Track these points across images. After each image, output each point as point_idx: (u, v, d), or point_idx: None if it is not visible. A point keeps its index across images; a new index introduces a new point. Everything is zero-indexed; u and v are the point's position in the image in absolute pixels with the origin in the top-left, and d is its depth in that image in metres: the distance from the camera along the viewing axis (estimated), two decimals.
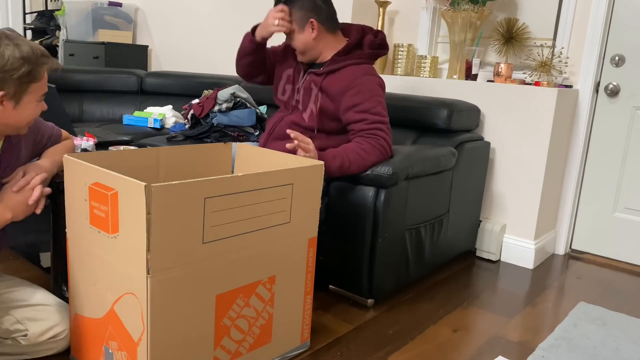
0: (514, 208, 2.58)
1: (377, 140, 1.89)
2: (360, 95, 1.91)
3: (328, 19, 2.00)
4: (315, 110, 1.99)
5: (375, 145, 1.88)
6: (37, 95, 1.37)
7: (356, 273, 1.94)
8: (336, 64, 1.97)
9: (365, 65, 2.00)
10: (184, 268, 1.21)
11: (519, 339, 1.84)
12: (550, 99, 2.41)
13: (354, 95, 1.92)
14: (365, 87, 1.92)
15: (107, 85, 3.41)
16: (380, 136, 1.90)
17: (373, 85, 1.95)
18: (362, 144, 1.88)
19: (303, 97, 2.04)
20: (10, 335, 1.41)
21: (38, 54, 1.32)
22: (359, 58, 1.99)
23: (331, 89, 1.96)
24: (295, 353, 1.60)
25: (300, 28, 1.98)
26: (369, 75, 1.96)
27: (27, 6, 5.11)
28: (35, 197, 1.38)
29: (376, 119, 1.90)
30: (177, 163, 1.66)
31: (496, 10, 2.83)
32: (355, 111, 1.91)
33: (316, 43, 2.00)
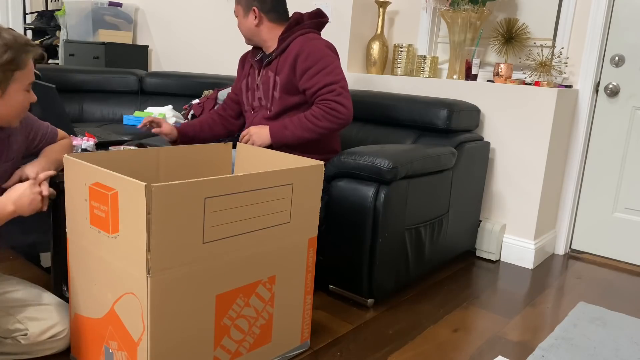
0: (514, 208, 2.58)
1: (328, 104, 1.95)
2: (310, 59, 1.98)
3: (272, 10, 2.09)
4: (277, 94, 2.07)
5: (326, 109, 1.95)
6: (23, 83, 1.36)
7: (356, 273, 1.94)
8: (284, 42, 2.07)
9: (311, 33, 2.08)
10: (184, 268, 1.21)
11: (519, 338, 1.84)
12: (550, 99, 2.41)
13: (304, 60, 1.99)
14: (313, 50, 1.99)
15: (107, 85, 3.41)
16: (330, 99, 1.95)
17: (320, 47, 2.01)
18: (313, 110, 1.97)
19: (264, 92, 2.12)
20: (11, 334, 1.41)
21: (21, 42, 1.32)
22: (303, 29, 2.08)
23: (285, 65, 2.03)
24: (295, 353, 1.60)
25: (244, 14, 2.10)
26: (315, 40, 2.03)
27: (27, 6, 5.11)
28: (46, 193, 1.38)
29: (328, 80, 1.96)
30: (177, 163, 1.66)
31: (496, 10, 2.83)
32: (308, 76, 1.99)
33: (259, 30, 2.10)
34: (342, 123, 1.97)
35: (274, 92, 2.08)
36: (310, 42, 2.01)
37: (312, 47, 2.00)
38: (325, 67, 1.97)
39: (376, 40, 3.01)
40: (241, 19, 2.11)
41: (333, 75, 1.97)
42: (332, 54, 2.03)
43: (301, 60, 1.99)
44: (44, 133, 1.60)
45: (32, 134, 1.56)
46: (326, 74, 1.97)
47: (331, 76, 1.97)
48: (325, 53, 2.00)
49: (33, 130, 1.56)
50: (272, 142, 1.98)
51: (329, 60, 1.99)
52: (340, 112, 1.95)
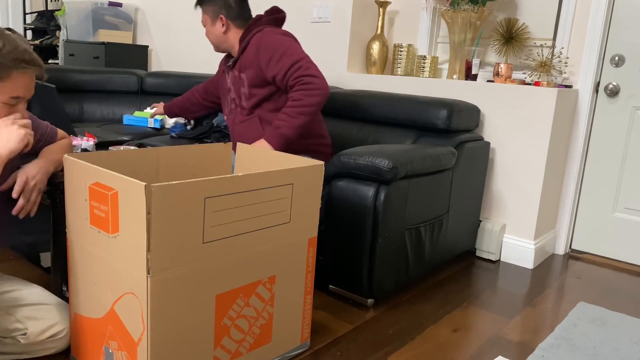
0: (514, 208, 2.58)
1: (301, 81, 2.02)
2: (270, 48, 2.08)
3: (238, 17, 2.20)
4: (246, 90, 2.17)
5: (302, 87, 2.02)
6: (1, 96, 1.32)
7: (356, 273, 1.94)
8: (244, 42, 2.17)
9: (267, 27, 2.17)
10: (184, 268, 1.21)
11: (519, 339, 1.84)
12: (550, 99, 2.41)
13: (265, 51, 2.09)
14: (269, 40, 2.10)
15: (107, 85, 3.40)
16: (301, 75, 2.02)
17: (275, 36, 2.11)
18: (292, 96, 2.03)
19: (235, 92, 2.24)
20: (10, 334, 1.41)
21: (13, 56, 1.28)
22: (260, 26, 2.18)
23: (248, 61, 2.14)
24: (295, 353, 1.60)
25: (212, 22, 2.21)
26: (271, 32, 2.14)
27: (27, 6, 5.11)
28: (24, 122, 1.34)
29: (293, 59, 2.04)
30: (177, 163, 1.66)
31: (496, 10, 2.83)
32: (274, 63, 2.06)
33: (226, 37, 2.21)
34: (322, 93, 2.02)
35: (243, 89, 2.19)
36: (266, 35, 2.12)
37: (269, 38, 2.10)
38: (287, 50, 2.06)
39: (376, 40, 3.01)
40: (209, 28, 2.22)
41: (296, 55, 2.05)
42: (288, 39, 2.12)
43: (262, 52, 2.09)
44: (44, 132, 1.60)
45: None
46: (289, 55, 2.05)
47: (294, 56, 2.05)
48: (281, 39, 2.09)
49: (33, 129, 1.56)
50: (277, 148, 2.03)
51: (287, 44, 2.08)
52: (315, 84, 2.01)
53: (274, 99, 2.16)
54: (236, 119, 2.26)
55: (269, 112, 2.16)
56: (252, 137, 2.17)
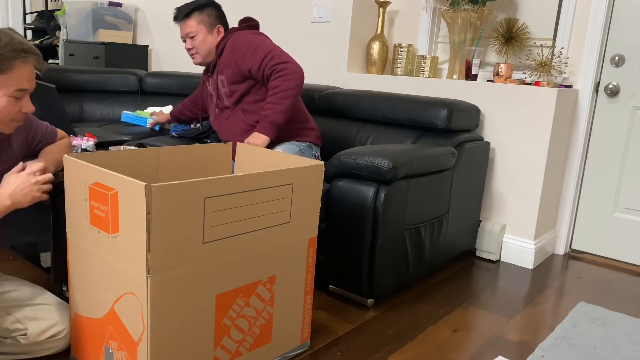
0: (514, 208, 2.58)
1: (276, 69, 2.12)
2: (243, 44, 2.20)
3: (225, 25, 2.36)
4: (226, 89, 2.27)
5: (277, 74, 2.12)
6: (8, 89, 1.32)
7: (356, 273, 1.94)
8: (220, 46, 2.29)
9: (239, 31, 2.29)
10: (184, 268, 1.21)
11: (519, 339, 1.84)
12: (550, 99, 2.41)
13: (239, 47, 2.21)
14: (240, 37, 2.23)
15: (107, 85, 3.40)
16: (276, 63, 2.12)
17: (248, 35, 2.24)
18: (271, 84, 2.13)
19: (217, 94, 2.33)
20: (10, 334, 1.41)
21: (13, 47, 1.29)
22: (233, 32, 2.30)
23: (225, 62, 2.25)
24: (295, 353, 1.60)
25: (208, 32, 2.30)
26: (242, 33, 2.27)
27: (27, 6, 5.11)
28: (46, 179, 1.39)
29: (265, 51, 2.15)
30: (177, 163, 1.66)
31: (496, 10, 2.83)
32: (249, 57, 2.17)
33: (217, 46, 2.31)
34: (298, 76, 2.13)
35: (223, 89, 2.28)
36: (239, 35, 2.24)
37: (241, 37, 2.23)
38: (259, 45, 2.17)
39: (376, 40, 3.01)
40: (204, 37, 2.29)
41: (267, 47, 2.17)
42: (259, 36, 2.25)
43: (237, 49, 2.20)
44: (44, 133, 1.60)
45: (32, 134, 1.56)
46: (262, 48, 2.16)
47: (266, 48, 2.16)
48: (253, 37, 2.22)
49: (33, 130, 1.56)
50: (272, 135, 2.11)
51: (259, 39, 2.21)
52: (289, 69, 2.12)
53: (254, 92, 2.25)
54: (222, 120, 2.35)
55: (251, 104, 2.26)
56: (239, 128, 2.26)
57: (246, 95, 2.26)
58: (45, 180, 1.40)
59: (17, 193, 1.35)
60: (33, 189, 1.37)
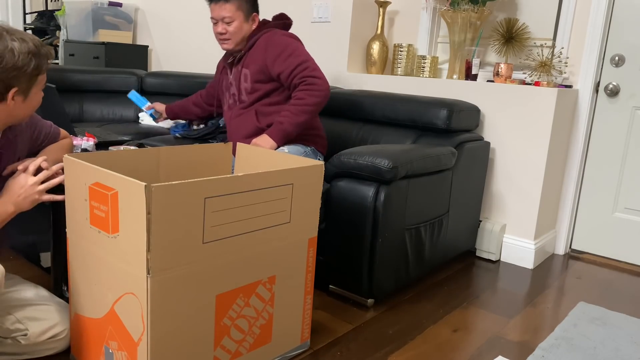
0: (514, 208, 2.58)
1: (305, 82, 2.11)
2: (278, 47, 2.17)
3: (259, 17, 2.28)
4: (248, 85, 2.23)
5: (306, 87, 2.11)
6: (41, 85, 1.42)
7: (356, 273, 1.94)
8: (251, 40, 2.23)
9: (275, 29, 2.25)
10: (184, 268, 1.21)
11: (519, 339, 1.84)
12: (550, 99, 2.41)
13: (272, 49, 2.17)
14: (278, 40, 2.19)
15: (107, 85, 3.40)
16: (306, 75, 2.11)
17: (284, 38, 2.20)
18: (296, 95, 2.12)
19: (236, 86, 2.29)
20: (11, 334, 1.41)
21: (39, 46, 1.35)
22: (268, 28, 2.26)
23: (254, 57, 2.21)
24: (295, 353, 1.60)
25: (245, 19, 2.21)
26: (279, 33, 2.23)
27: (27, 6, 5.11)
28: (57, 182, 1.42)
29: (299, 60, 2.13)
30: (177, 163, 1.66)
31: (496, 10, 2.83)
32: (280, 61, 2.15)
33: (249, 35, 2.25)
34: (324, 94, 2.12)
35: (245, 83, 2.24)
36: (275, 35, 2.21)
37: (277, 37, 2.19)
38: (294, 51, 2.15)
39: (376, 40, 3.01)
40: (240, 24, 2.20)
41: (302, 55, 2.15)
42: (295, 41, 2.22)
43: (270, 50, 2.16)
44: (47, 132, 1.61)
45: (36, 133, 1.57)
46: (295, 56, 2.14)
47: (301, 57, 2.14)
48: (289, 41, 2.19)
49: (37, 129, 1.57)
50: (279, 144, 2.11)
51: (294, 45, 2.18)
52: (318, 85, 2.11)
53: (275, 94, 2.23)
54: (233, 113, 2.31)
55: (266, 106, 2.23)
56: (247, 129, 2.24)
57: (266, 97, 2.23)
58: (42, 179, 1.41)
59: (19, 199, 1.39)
60: (31, 192, 1.39)
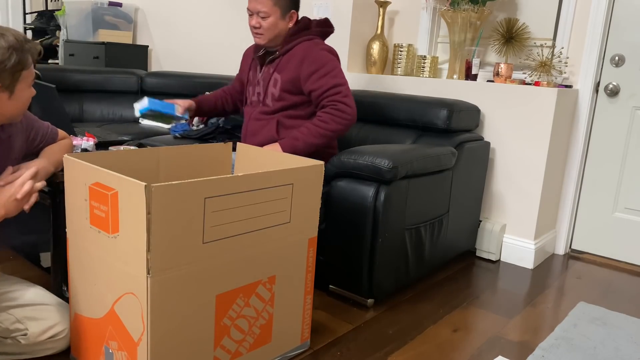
0: (514, 208, 2.58)
1: (335, 106, 2.03)
2: (316, 62, 2.07)
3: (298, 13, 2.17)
4: (277, 92, 2.13)
5: (333, 111, 2.03)
6: (28, 81, 1.38)
7: (356, 273, 1.94)
8: (289, 44, 2.13)
9: (316, 39, 2.16)
10: (184, 268, 1.21)
11: (519, 339, 1.84)
12: (550, 99, 2.41)
13: (310, 64, 2.07)
14: (318, 55, 2.09)
15: (107, 85, 3.40)
16: (337, 100, 2.03)
17: (325, 53, 2.11)
18: (321, 116, 2.04)
19: (263, 88, 2.19)
20: (10, 334, 1.41)
21: (22, 41, 1.33)
22: (309, 35, 2.16)
23: (289, 66, 2.11)
24: (295, 353, 1.60)
25: (282, 15, 2.10)
26: (320, 46, 2.12)
27: (27, 6, 5.11)
28: (24, 192, 1.36)
29: (334, 82, 2.05)
30: (177, 163, 1.66)
31: (496, 10, 2.83)
32: (315, 78, 2.06)
33: (287, 33, 2.14)
34: (349, 124, 2.04)
35: (273, 89, 2.14)
36: (315, 47, 2.10)
37: (317, 51, 2.09)
38: (331, 71, 2.06)
39: (376, 40, 3.01)
40: (276, 20, 2.08)
41: (338, 78, 2.06)
42: (335, 59, 2.12)
43: (307, 64, 2.07)
44: (45, 133, 1.60)
45: (33, 134, 1.56)
46: (332, 76, 2.05)
47: (337, 79, 2.06)
48: (329, 58, 2.09)
49: (34, 130, 1.56)
50: None
51: (333, 64, 2.09)
52: (346, 113, 2.03)
53: (300, 108, 2.15)
54: (253, 113, 2.22)
55: (289, 119, 2.15)
56: (265, 136, 2.15)
57: (291, 108, 2.14)
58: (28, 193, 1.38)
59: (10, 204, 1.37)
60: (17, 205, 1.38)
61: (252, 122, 2.22)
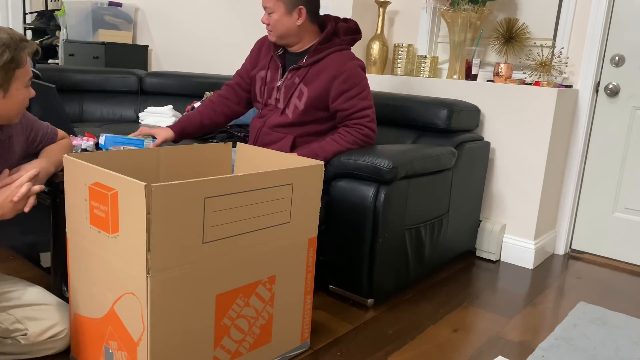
0: (514, 208, 2.58)
1: (360, 130, 1.99)
2: (349, 82, 1.98)
3: (314, 10, 2.04)
4: (301, 105, 2.02)
5: (358, 135, 1.99)
6: (23, 81, 1.37)
7: (356, 273, 1.94)
8: (320, 53, 2.01)
9: (348, 50, 2.06)
10: (184, 268, 1.21)
11: (519, 339, 1.84)
12: (550, 99, 2.41)
13: (342, 82, 1.97)
14: (352, 74, 1.98)
15: (107, 85, 3.40)
16: (364, 124, 1.99)
17: (358, 71, 2.01)
18: (344, 136, 1.98)
19: (284, 95, 2.06)
20: (10, 334, 1.41)
21: (17, 39, 1.32)
22: (341, 45, 2.04)
23: (319, 78, 1.99)
24: (295, 353, 1.60)
25: (287, 11, 1.99)
26: (353, 61, 2.02)
27: (27, 6, 5.11)
28: (21, 194, 1.36)
29: (363, 104, 1.99)
30: (177, 163, 1.66)
31: (496, 10, 2.83)
32: (345, 98, 1.98)
33: (298, 30, 2.02)
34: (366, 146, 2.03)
35: (298, 101, 2.02)
36: (348, 63, 1.99)
37: (350, 68, 1.98)
38: (362, 92, 2.00)
39: (376, 40, 3.01)
40: (281, 17, 1.99)
41: (367, 100, 2.01)
42: (366, 78, 2.04)
43: (339, 82, 1.97)
44: (44, 133, 1.60)
45: (33, 134, 1.56)
46: (362, 98, 1.99)
47: (366, 101, 2.00)
48: (362, 77, 2.02)
49: (33, 130, 1.56)
50: None
51: (364, 84, 2.02)
52: (370, 138, 2.02)
53: (319, 124, 2.06)
54: (269, 120, 2.08)
55: (307, 137, 2.06)
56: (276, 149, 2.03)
57: (312, 123, 2.04)
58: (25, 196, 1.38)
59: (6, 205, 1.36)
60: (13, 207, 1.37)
61: (266, 130, 2.08)
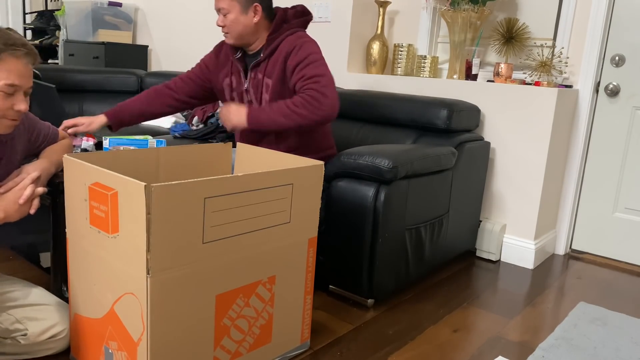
0: (514, 208, 2.58)
1: (310, 93, 1.90)
2: (300, 54, 1.97)
3: (269, 7, 2.04)
4: (269, 97, 2.03)
5: (307, 98, 1.89)
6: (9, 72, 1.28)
7: (356, 273, 1.94)
8: (273, 43, 2.02)
9: (299, 31, 2.06)
10: (184, 268, 1.21)
11: (519, 339, 1.84)
12: (550, 99, 2.41)
13: (294, 56, 1.97)
14: (304, 47, 1.98)
15: (107, 85, 3.40)
16: (313, 88, 1.90)
17: (308, 45, 2.00)
18: (294, 98, 1.92)
19: (254, 95, 2.07)
20: (10, 334, 1.41)
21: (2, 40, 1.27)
22: (290, 28, 2.05)
23: (276, 65, 2.01)
24: (295, 353, 1.60)
25: (243, 10, 1.98)
26: (304, 39, 2.02)
27: (27, 6, 5.11)
28: (26, 197, 1.36)
29: (315, 72, 1.93)
30: (177, 163, 1.66)
31: (496, 10, 2.83)
32: (298, 69, 1.96)
33: (255, 28, 2.01)
34: (323, 115, 1.88)
35: (266, 94, 2.03)
36: (299, 40, 2.00)
37: (301, 43, 1.99)
38: (315, 61, 1.96)
39: (376, 40, 3.01)
40: (237, 16, 1.97)
41: (321, 68, 1.95)
42: (318, 50, 2.03)
43: (292, 57, 1.97)
44: (46, 134, 1.60)
45: (35, 135, 1.56)
46: (314, 67, 1.95)
47: (319, 69, 1.95)
48: (314, 49, 2.00)
49: (35, 131, 1.56)
50: (249, 125, 1.92)
51: (318, 55, 1.99)
52: (322, 103, 1.88)
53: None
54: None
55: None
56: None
57: None
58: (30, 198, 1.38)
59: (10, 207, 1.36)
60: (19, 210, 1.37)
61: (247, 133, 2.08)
